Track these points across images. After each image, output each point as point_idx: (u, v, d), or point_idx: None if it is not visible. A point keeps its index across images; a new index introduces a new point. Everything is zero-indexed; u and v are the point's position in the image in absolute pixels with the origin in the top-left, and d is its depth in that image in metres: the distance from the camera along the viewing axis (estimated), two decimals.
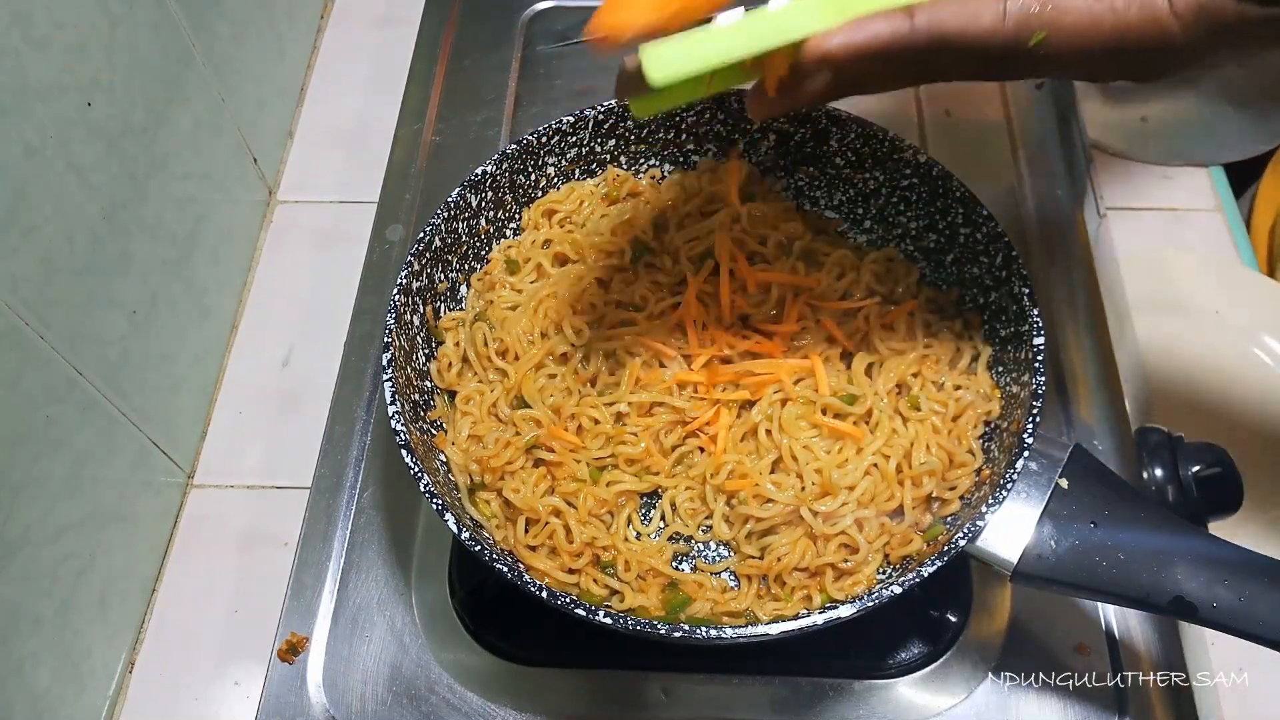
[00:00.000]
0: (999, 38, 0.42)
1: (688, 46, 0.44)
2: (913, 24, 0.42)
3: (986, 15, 0.41)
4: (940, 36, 0.42)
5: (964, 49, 0.42)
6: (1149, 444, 0.68)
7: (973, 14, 0.42)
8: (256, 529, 0.74)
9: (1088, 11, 0.41)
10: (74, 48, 0.61)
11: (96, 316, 0.65)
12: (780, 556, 0.59)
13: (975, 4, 0.42)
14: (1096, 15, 0.41)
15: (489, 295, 0.70)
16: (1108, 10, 0.41)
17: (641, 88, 0.45)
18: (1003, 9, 0.41)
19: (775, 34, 0.44)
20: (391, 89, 0.93)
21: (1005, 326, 0.63)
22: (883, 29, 0.42)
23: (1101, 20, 0.41)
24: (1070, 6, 0.41)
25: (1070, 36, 0.42)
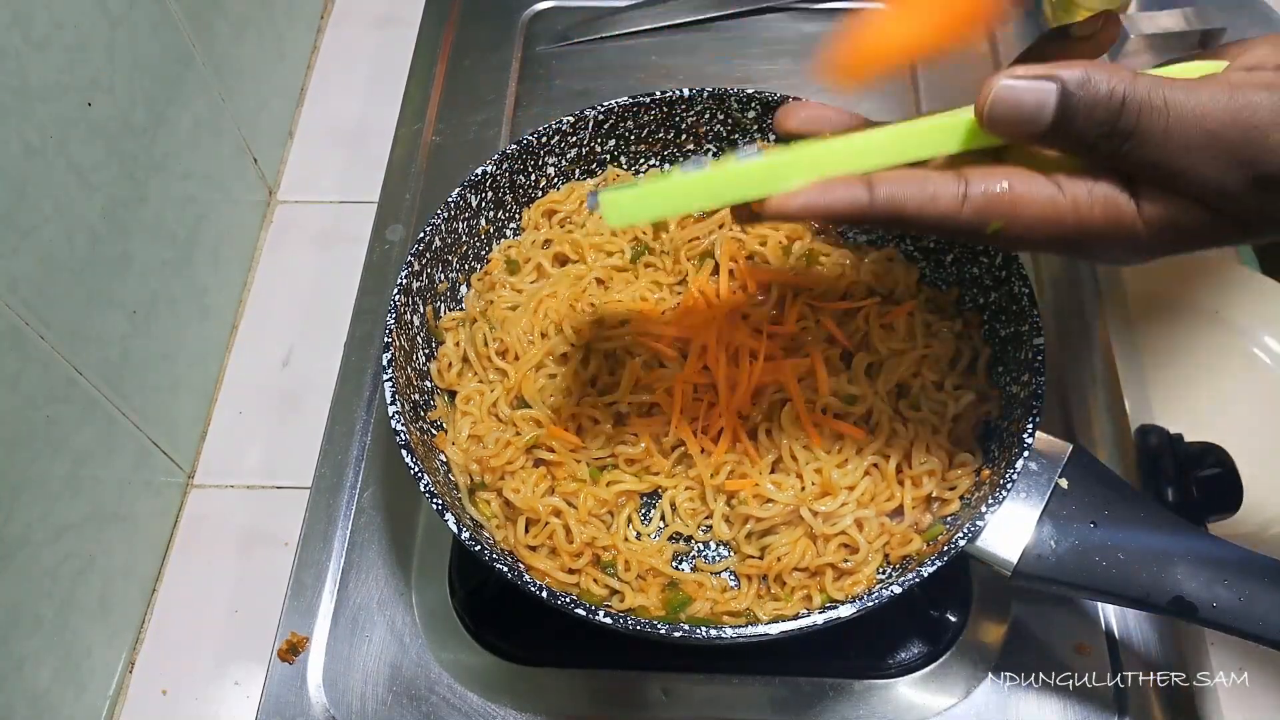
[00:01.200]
0: (955, 222, 0.41)
1: (646, 196, 0.45)
2: (871, 197, 0.42)
3: (944, 199, 0.41)
4: (898, 213, 0.42)
5: (921, 225, 0.42)
6: (1149, 444, 0.68)
7: (930, 196, 0.41)
8: (256, 529, 0.74)
9: (1049, 205, 0.41)
10: (74, 48, 0.61)
11: (96, 316, 0.65)
12: (780, 556, 0.59)
13: (934, 184, 0.41)
14: (1058, 210, 0.40)
15: (489, 295, 0.70)
16: (1070, 208, 0.40)
17: None
18: (961, 194, 0.41)
19: (735, 191, 0.44)
20: (391, 89, 0.93)
21: (1005, 326, 0.63)
22: (842, 198, 0.42)
23: (1062, 216, 0.40)
24: (1030, 200, 0.41)
25: (1029, 227, 0.41)
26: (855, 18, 0.47)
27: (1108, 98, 0.38)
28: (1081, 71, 0.38)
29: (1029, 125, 0.39)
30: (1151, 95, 0.38)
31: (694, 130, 0.74)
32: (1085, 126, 0.38)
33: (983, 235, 0.42)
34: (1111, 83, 0.38)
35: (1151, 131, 0.38)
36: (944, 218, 0.41)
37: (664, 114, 0.73)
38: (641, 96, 0.72)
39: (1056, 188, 0.41)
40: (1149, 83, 0.38)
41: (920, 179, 0.42)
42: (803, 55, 0.94)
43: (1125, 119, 0.38)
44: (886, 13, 0.47)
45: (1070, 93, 0.38)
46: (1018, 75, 0.39)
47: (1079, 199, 0.40)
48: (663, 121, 0.74)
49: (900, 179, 0.42)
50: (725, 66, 0.94)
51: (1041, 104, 0.39)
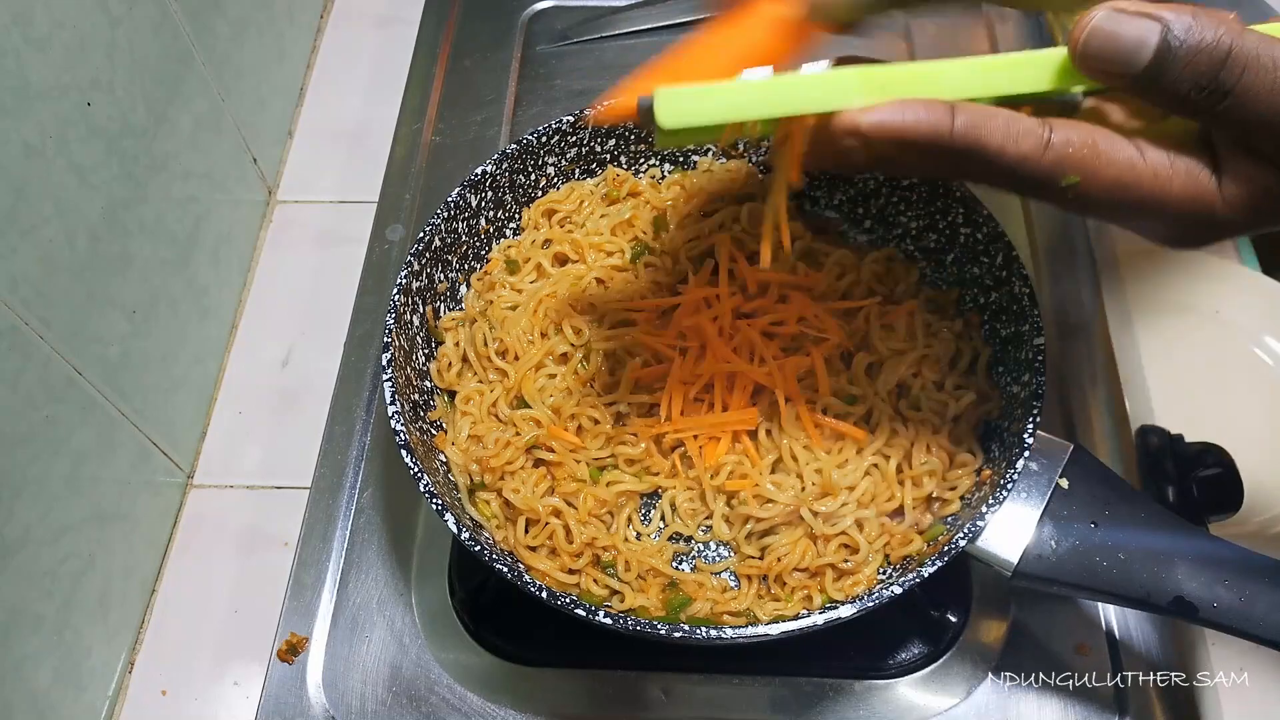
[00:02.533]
0: (1033, 166, 0.39)
1: (706, 97, 0.41)
2: (953, 123, 0.39)
3: (1027, 141, 0.39)
4: (977, 145, 0.39)
5: (997, 164, 0.39)
6: (1149, 444, 0.68)
7: (1015, 134, 0.39)
8: (256, 529, 0.74)
9: (1129, 168, 0.39)
10: (74, 48, 0.61)
11: (96, 316, 0.65)
12: (780, 557, 0.59)
13: (1022, 124, 0.39)
14: (1137, 175, 0.39)
15: (489, 295, 0.70)
16: (1149, 174, 0.39)
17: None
18: (1045, 139, 0.39)
19: (802, 101, 0.41)
20: (391, 89, 0.93)
21: (1005, 326, 0.63)
22: (922, 119, 0.39)
23: (1140, 181, 0.39)
24: (1113, 159, 0.39)
25: (1104, 187, 0.39)
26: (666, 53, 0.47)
27: (1213, 47, 0.36)
28: (1189, 16, 0.36)
29: (1124, 64, 0.37)
30: (1260, 52, 0.35)
31: None
32: (1183, 75, 0.36)
33: (1055, 188, 0.40)
34: (1219, 32, 0.36)
35: (1254, 90, 0.35)
36: (1023, 159, 0.39)
37: None
38: None
39: (1138, 151, 0.39)
40: (1257, 39, 0.36)
41: (1004, 115, 0.39)
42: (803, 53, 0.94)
43: (1227, 73, 0.36)
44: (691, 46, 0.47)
45: (1174, 35, 0.36)
46: (1121, 8, 0.37)
47: (1159, 166, 0.39)
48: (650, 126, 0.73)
49: (986, 113, 0.39)
50: None
51: (1141, 42, 0.36)
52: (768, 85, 0.41)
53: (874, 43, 0.95)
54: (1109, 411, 0.72)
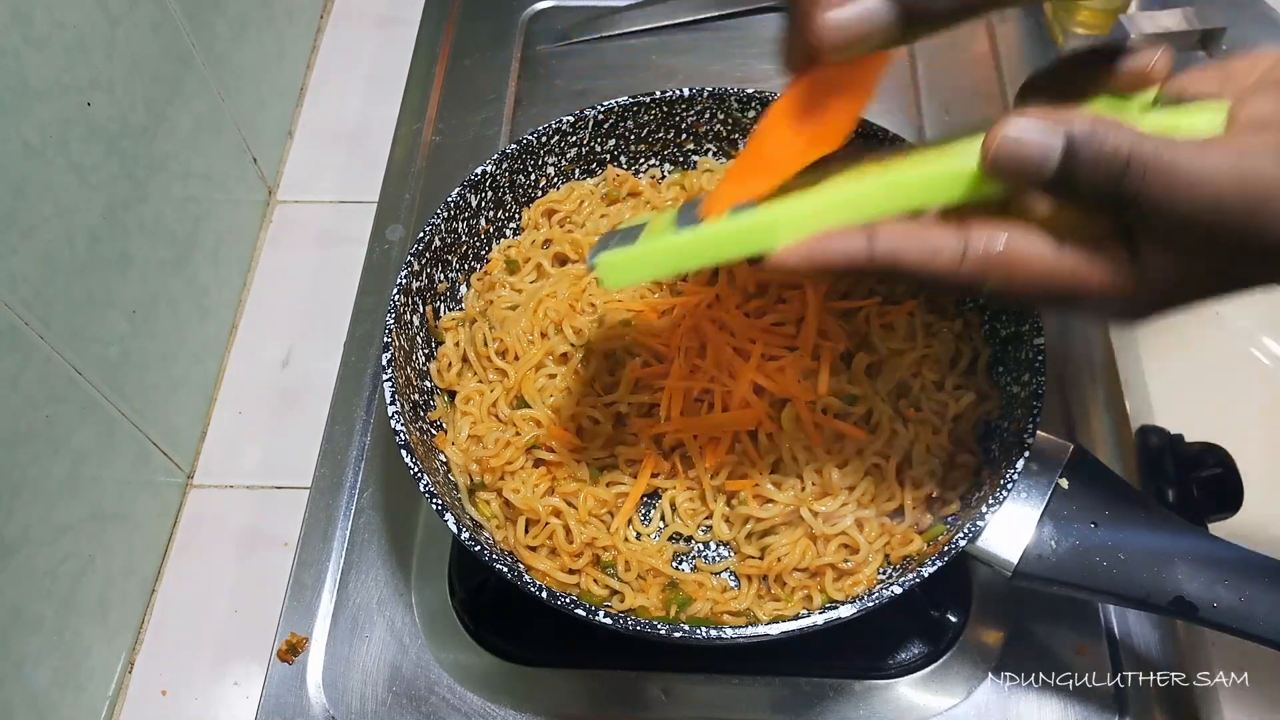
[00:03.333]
0: (955, 278, 0.41)
1: (642, 258, 0.46)
2: (871, 251, 0.41)
3: (944, 255, 0.41)
4: (896, 267, 0.41)
5: (919, 280, 0.42)
6: (1149, 444, 0.68)
7: (931, 250, 0.41)
8: (256, 529, 0.74)
9: (1045, 267, 0.40)
10: (74, 48, 0.61)
11: (96, 316, 0.65)
12: (780, 557, 0.59)
13: (935, 239, 0.41)
14: (1055, 272, 0.40)
15: (489, 295, 0.70)
16: (1068, 270, 0.40)
17: None
18: (962, 251, 0.40)
19: (731, 249, 0.44)
20: (391, 89, 0.93)
21: (1005, 326, 0.63)
22: (841, 252, 0.42)
23: (1059, 278, 0.40)
24: (1028, 260, 0.40)
25: (1025, 287, 0.41)
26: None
27: (1112, 155, 0.37)
28: (1089, 125, 0.37)
29: (1032, 175, 0.38)
30: (1159, 157, 0.36)
31: (694, 130, 0.74)
32: (1089, 182, 0.38)
33: (980, 291, 0.42)
34: (1118, 140, 0.37)
35: (1155, 194, 0.37)
36: (943, 274, 0.41)
37: (664, 114, 0.73)
38: (641, 96, 0.72)
39: (1055, 249, 0.40)
40: (1155, 145, 0.37)
41: (921, 234, 0.41)
42: None
43: (1130, 179, 0.37)
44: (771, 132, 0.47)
45: (1076, 146, 0.37)
46: (1025, 122, 0.38)
47: (1077, 263, 0.40)
48: (663, 121, 0.74)
49: (901, 234, 0.41)
50: (725, 66, 0.94)
51: (1046, 155, 0.38)
52: (699, 239, 0.45)
53: None
54: (1109, 411, 0.72)
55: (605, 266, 0.46)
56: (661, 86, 0.72)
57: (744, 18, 0.97)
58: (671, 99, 0.72)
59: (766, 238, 0.43)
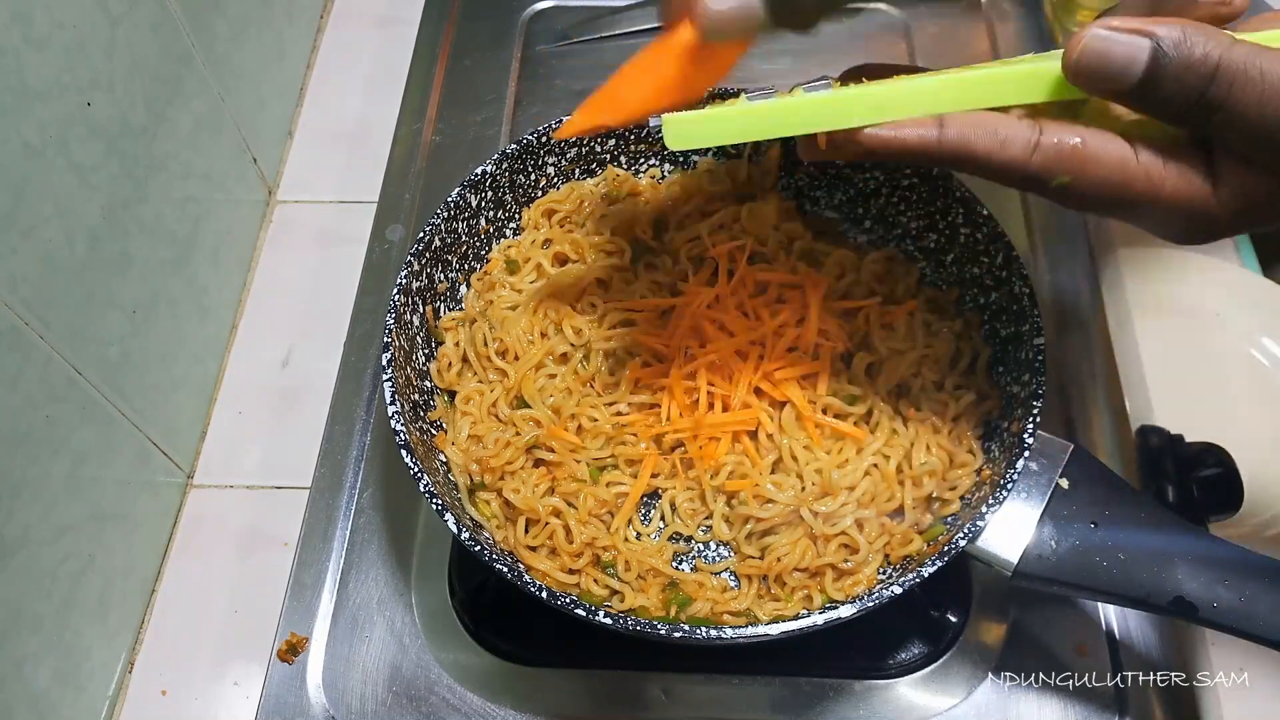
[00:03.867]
0: (1023, 170, 0.40)
1: (711, 119, 0.44)
2: (940, 135, 0.41)
3: (1015, 146, 0.40)
4: (965, 154, 0.41)
5: (987, 169, 0.41)
6: (1149, 444, 0.68)
7: (1001, 141, 0.40)
8: (256, 529, 0.74)
9: (1119, 168, 0.39)
10: (74, 48, 0.61)
11: (96, 316, 0.65)
12: (780, 557, 0.59)
13: (1007, 130, 0.40)
14: (1128, 175, 0.39)
15: (489, 295, 0.70)
16: (1141, 174, 0.39)
17: None
18: (1033, 143, 0.40)
19: (802, 121, 0.43)
20: (391, 89, 0.93)
21: (1005, 326, 0.63)
22: (910, 135, 0.41)
23: (1132, 181, 0.39)
24: (1102, 161, 0.39)
25: (1095, 186, 0.40)
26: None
27: (1201, 62, 0.36)
28: (1179, 30, 0.36)
29: (1115, 81, 0.38)
30: (1248, 65, 0.36)
31: None
32: (1173, 91, 0.37)
33: (1048, 188, 0.41)
34: (1208, 47, 0.36)
35: (1244, 103, 0.36)
36: (1011, 163, 0.40)
37: None
38: None
39: (1131, 151, 0.39)
40: (1246, 51, 0.36)
41: (993, 122, 0.41)
42: (803, 55, 0.94)
43: (1216, 88, 0.36)
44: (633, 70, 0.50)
45: (1163, 52, 0.36)
46: (1112, 26, 0.37)
47: (1153, 166, 0.39)
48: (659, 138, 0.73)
49: (972, 121, 0.41)
50: None
51: (1131, 60, 0.37)
52: (771, 108, 0.44)
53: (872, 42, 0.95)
54: (1109, 411, 0.72)
55: (673, 124, 0.44)
56: None
57: None
58: None
59: (839, 116, 0.42)
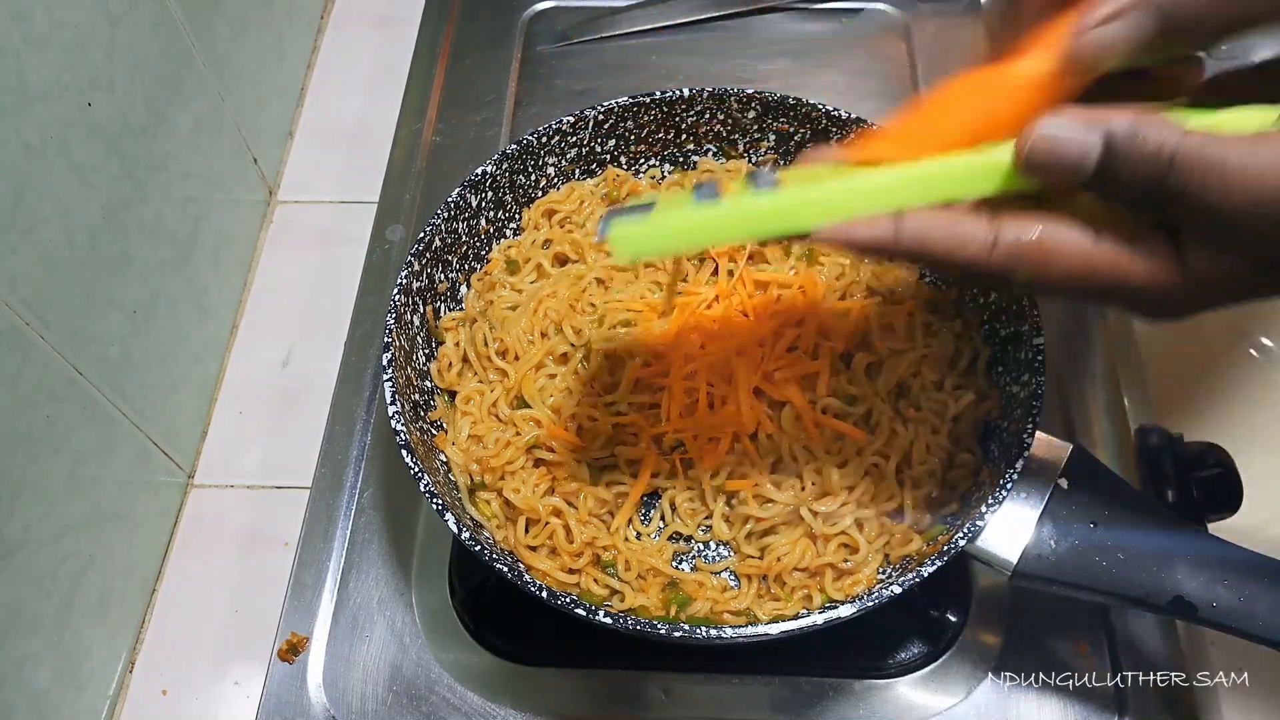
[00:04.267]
0: (984, 268, 0.40)
1: (658, 231, 0.43)
2: (897, 237, 0.40)
3: (973, 245, 0.39)
4: (923, 254, 0.40)
5: (948, 267, 0.41)
6: (1149, 444, 0.68)
7: (960, 240, 0.39)
8: (256, 529, 0.74)
9: (1082, 259, 0.38)
10: (74, 48, 0.61)
11: (96, 316, 0.65)
12: (780, 556, 0.59)
13: (963, 227, 0.39)
14: (1091, 265, 0.38)
15: (489, 295, 0.70)
16: (1105, 263, 0.38)
17: None
18: (991, 241, 0.39)
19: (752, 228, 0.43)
20: (391, 89, 0.93)
21: (1005, 326, 0.63)
22: (864, 237, 0.41)
23: (1096, 271, 0.38)
24: (1063, 253, 0.38)
25: (1060, 279, 0.39)
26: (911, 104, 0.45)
27: (1155, 154, 0.35)
28: (1129, 123, 0.36)
29: (1069, 174, 0.37)
30: (1205, 154, 0.35)
31: (694, 130, 0.74)
32: (1130, 182, 0.36)
33: (1011, 282, 0.41)
34: (1161, 138, 0.35)
35: (1203, 192, 0.35)
36: (972, 262, 0.40)
37: (664, 114, 0.73)
38: (641, 96, 0.72)
39: (1092, 240, 0.38)
40: (1200, 141, 0.35)
41: (950, 221, 0.40)
42: (803, 55, 0.94)
43: (1174, 178, 0.35)
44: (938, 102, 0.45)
45: (1116, 145, 0.36)
46: (1062, 120, 0.37)
47: (1118, 255, 0.38)
48: (663, 121, 0.74)
49: (929, 219, 0.40)
50: (725, 66, 0.94)
51: (1084, 154, 0.36)
52: (719, 216, 0.43)
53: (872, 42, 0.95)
54: (1109, 411, 0.72)
55: (619, 238, 0.44)
56: (661, 86, 0.72)
57: (744, 18, 0.97)
58: (671, 99, 0.72)
59: (790, 220, 0.42)
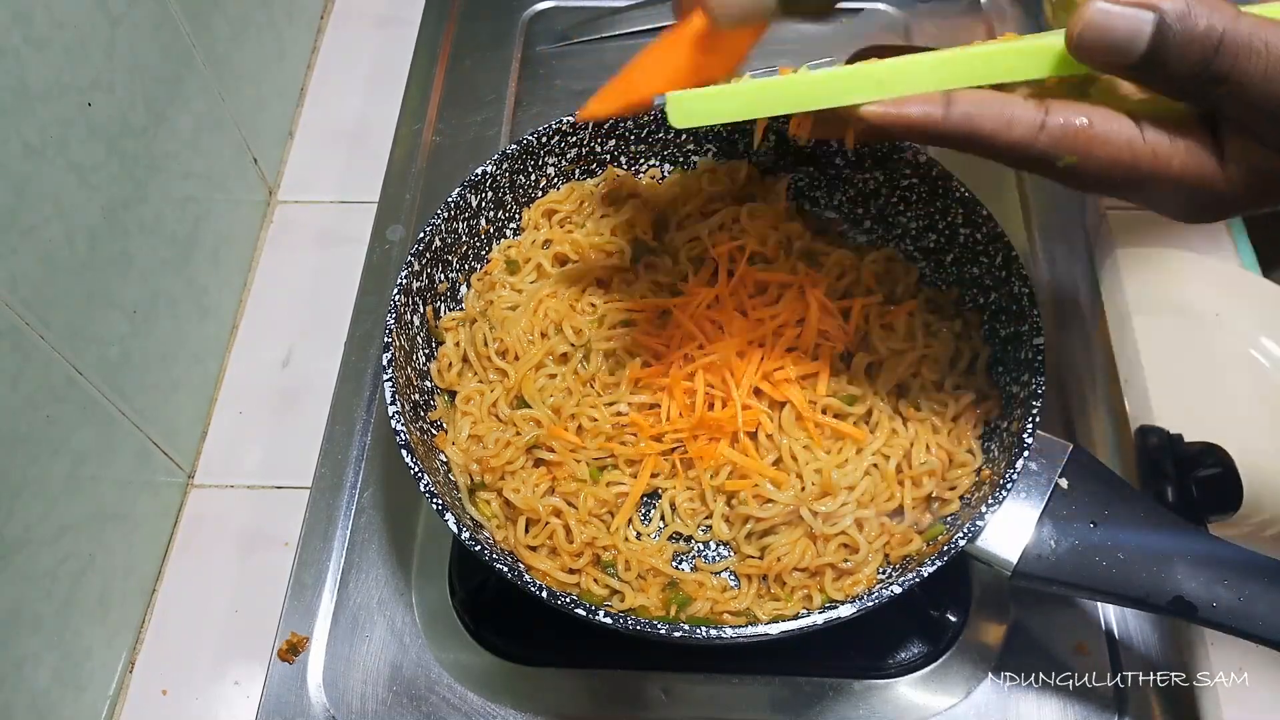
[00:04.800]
0: (1029, 150, 0.40)
1: (715, 96, 0.44)
2: (946, 114, 0.40)
3: (1020, 126, 0.40)
4: (971, 133, 0.40)
5: (992, 149, 0.40)
6: (1149, 444, 0.68)
7: (1007, 121, 0.40)
8: (256, 529, 0.74)
9: (1127, 147, 0.39)
10: (74, 48, 0.61)
11: (96, 316, 0.65)
12: (780, 556, 0.59)
13: (1012, 110, 0.40)
14: (1135, 154, 0.39)
15: (489, 295, 0.70)
16: (1149, 153, 0.39)
17: None
18: (1040, 123, 0.39)
19: (807, 98, 0.43)
20: (391, 89, 0.93)
21: (1005, 326, 0.63)
22: (916, 110, 0.41)
23: (1139, 161, 0.39)
24: (1109, 140, 0.39)
25: (1102, 165, 0.40)
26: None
27: (1205, 35, 0.36)
28: (1183, 3, 0.36)
29: (1119, 55, 0.37)
30: (1253, 38, 0.35)
31: (694, 130, 0.74)
32: (1178, 64, 0.36)
33: (1054, 168, 0.40)
34: (1212, 19, 0.35)
35: (1249, 76, 0.35)
36: (1018, 143, 0.40)
37: None
38: None
39: (1138, 130, 0.39)
40: (1251, 24, 0.35)
41: (1000, 101, 0.40)
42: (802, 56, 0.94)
43: (1220, 60, 0.36)
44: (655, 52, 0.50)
45: (1167, 25, 0.36)
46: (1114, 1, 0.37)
47: (1160, 145, 0.39)
48: (663, 121, 0.73)
49: (978, 99, 0.40)
50: None
51: (1135, 33, 0.36)
52: (776, 84, 0.43)
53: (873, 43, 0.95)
54: (1109, 411, 0.72)
55: (677, 102, 0.44)
56: None
57: None
58: None
59: (844, 93, 0.42)
